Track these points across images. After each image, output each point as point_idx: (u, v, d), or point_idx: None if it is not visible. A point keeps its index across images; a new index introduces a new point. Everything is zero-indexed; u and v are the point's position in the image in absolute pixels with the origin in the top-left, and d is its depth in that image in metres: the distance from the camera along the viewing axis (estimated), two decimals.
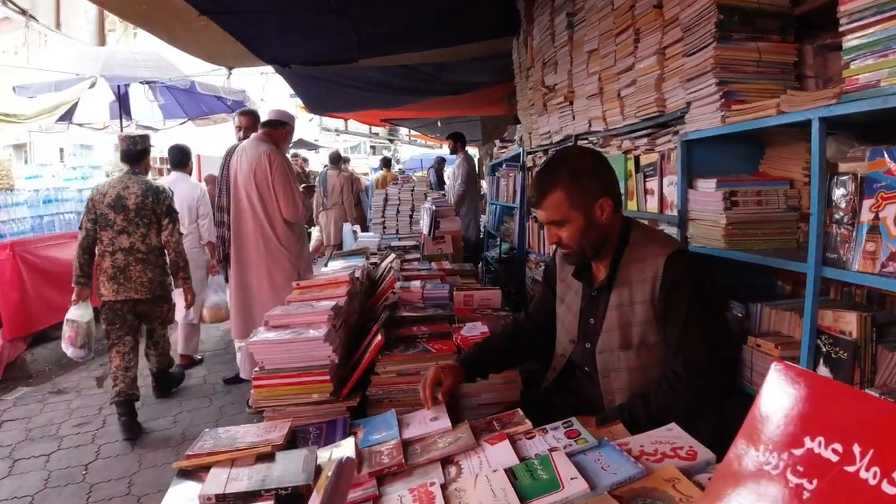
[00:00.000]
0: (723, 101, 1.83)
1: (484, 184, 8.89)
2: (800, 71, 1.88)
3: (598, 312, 1.76)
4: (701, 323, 1.58)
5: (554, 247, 1.88)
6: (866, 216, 1.31)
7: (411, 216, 5.36)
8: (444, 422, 1.59)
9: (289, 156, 4.56)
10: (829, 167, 1.50)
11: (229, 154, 3.83)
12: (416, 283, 2.83)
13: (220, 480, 1.33)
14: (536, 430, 1.50)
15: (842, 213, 1.37)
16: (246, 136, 4.03)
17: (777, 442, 0.65)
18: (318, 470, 1.37)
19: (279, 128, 3.87)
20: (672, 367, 1.58)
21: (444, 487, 1.27)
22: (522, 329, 2.06)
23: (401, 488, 1.30)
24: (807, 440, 0.62)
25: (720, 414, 1.69)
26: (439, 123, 10.47)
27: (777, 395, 0.67)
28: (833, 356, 1.40)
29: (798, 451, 0.63)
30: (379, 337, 1.94)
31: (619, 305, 1.70)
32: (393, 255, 3.34)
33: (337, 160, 9.31)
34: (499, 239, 6.37)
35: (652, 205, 2.45)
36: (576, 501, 1.16)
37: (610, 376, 1.72)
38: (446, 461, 1.41)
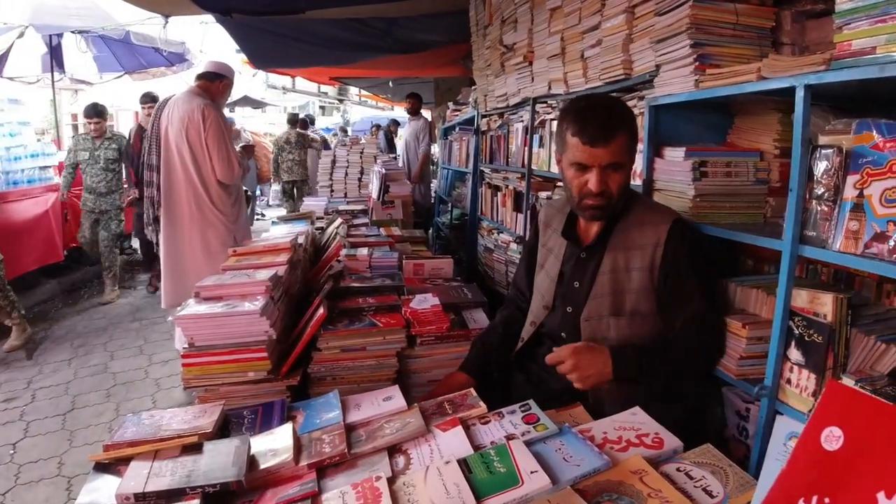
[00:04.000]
0: (696, 64, 1.71)
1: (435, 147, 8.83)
2: (776, 37, 1.78)
3: (586, 276, 1.65)
4: (708, 282, 1.60)
5: (534, 212, 1.76)
6: (850, 193, 1.22)
7: (360, 179, 5.19)
8: (398, 401, 1.49)
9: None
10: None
11: (160, 108, 3.53)
12: (364, 251, 2.69)
13: (140, 476, 1.18)
14: (492, 414, 1.41)
15: (823, 189, 1.28)
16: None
17: (837, 496, 0.50)
18: (252, 462, 1.23)
19: (216, 81, 3.60)
20: (690, 312, 1.54)
21: (391, 481, 1.15)
22: (521, 308, 1.92)
23: (343, 482, 1.19)
24: (881, 497, 0.47)
25: (685, 397, 1.63)
26: (391, 84, 10.19)
27: (836, 430, 0.53)
28: (806, 339, 1.32)
29: None
30: (321, 310, 1.78)
31: (613, 271, 1.60)
32: (340, 220, 3.17)
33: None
34: (450, 205, 6.23)
35: None
36: (536, 498, 1.07)
37: None
38: (394, 449, 1.30)
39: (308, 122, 10.66)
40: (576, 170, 1.57)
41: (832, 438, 0.52)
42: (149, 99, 5.46)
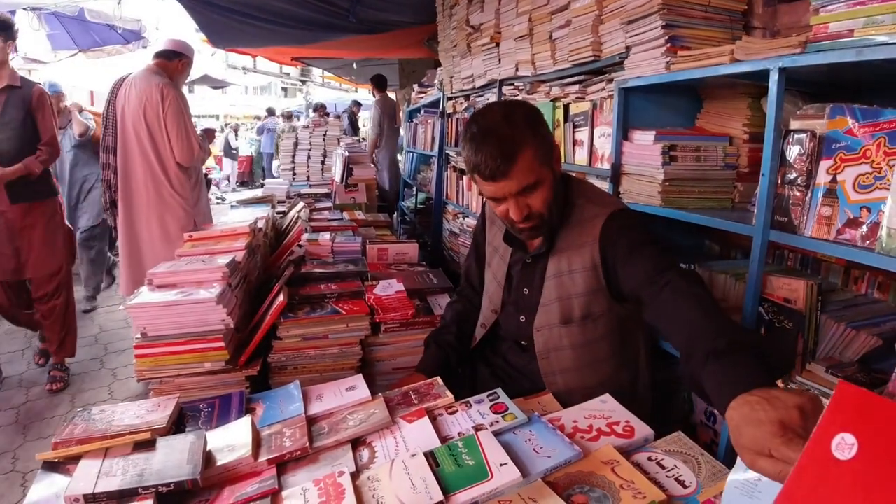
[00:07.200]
0: (668, 46, 1.69)
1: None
2: (747, 21, 1.76)
3: (534, 282, 1.54)
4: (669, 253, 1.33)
5: (484, 204, 1.67)
6: (823, 178, 1.21)
7: (323, 162, 5.08)
8: (362, 391, 1.43)
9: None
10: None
11: (116, 87, 3.36)
12: (326, 236, 2.61)
13: (89, 476, 1.10)
14: (459, 403, 1.36)
15: (795, 174, 1.27)
16: None
17: None
18: (208, 458, 1.16)
19: (174, 59, 3.45)
20: (664, 278, 1.23)
21: (354, 476, 1.10)
22: (472, 304, 1.82)
23: (305, 478, 1.13)
24: None
25: (655, 384, 1.61)
26: (355, 65, 10.01)
27: (848, 437, 0.48)
28: (776, 325, 1.32)
29: None
30: (281, 297, 1.71)
31: (558, 275, 1.47)
32: (302, 204, 3.09)
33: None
34: (415, 188, 6.16)
35: (581, 157, 2.32)
36: (507, 492, 1.03)
37: (550, 356, 1.51)
38: (358, 442, 1.24)
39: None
40: (492, 201, 1.43)
41: (844, 446, 0.48)
42: None
